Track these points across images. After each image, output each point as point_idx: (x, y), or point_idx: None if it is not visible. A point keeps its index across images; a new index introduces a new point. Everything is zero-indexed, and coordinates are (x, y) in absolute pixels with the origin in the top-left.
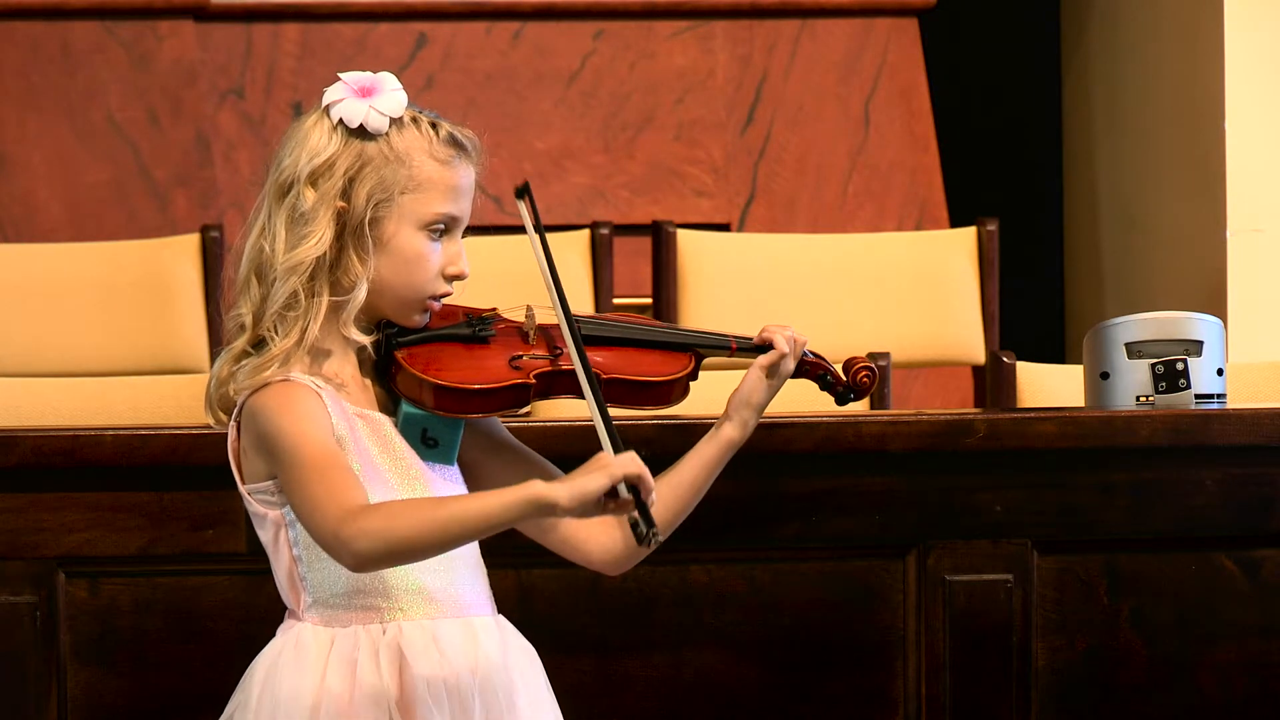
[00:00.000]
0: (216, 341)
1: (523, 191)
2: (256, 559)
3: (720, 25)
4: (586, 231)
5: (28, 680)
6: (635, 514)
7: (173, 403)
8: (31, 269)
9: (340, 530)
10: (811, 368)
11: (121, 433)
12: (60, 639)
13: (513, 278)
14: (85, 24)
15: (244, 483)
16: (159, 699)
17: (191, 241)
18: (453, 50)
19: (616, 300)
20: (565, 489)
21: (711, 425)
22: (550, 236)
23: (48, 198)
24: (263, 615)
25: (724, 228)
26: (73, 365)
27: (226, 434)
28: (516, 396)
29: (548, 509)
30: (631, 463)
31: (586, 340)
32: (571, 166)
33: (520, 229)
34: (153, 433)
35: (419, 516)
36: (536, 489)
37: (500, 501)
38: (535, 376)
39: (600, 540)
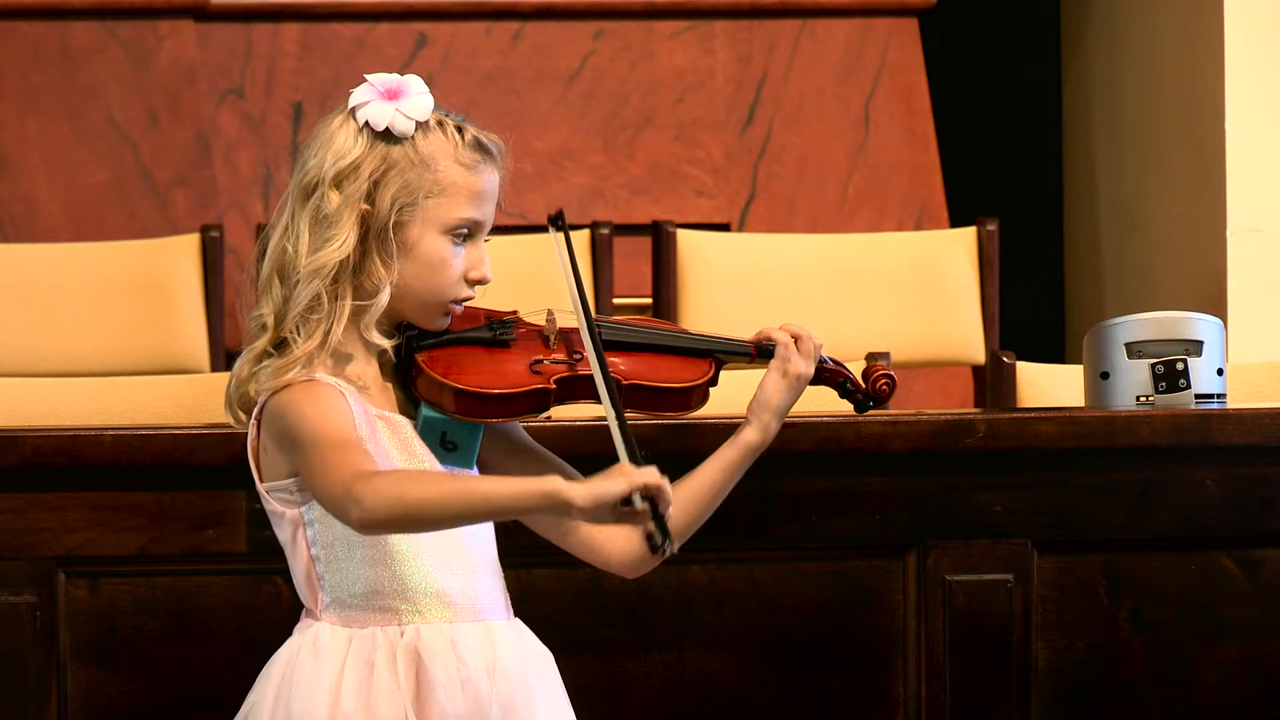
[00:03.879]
0: (216, 341)
1: (557, 220)
2: (256, 559)
3: (720, 25)
4: (586, 231)
5: (28, 680)
6: (651, 526)
7: (173, 403)
8: (31, 269)
9: (352, 487)
10: (831, 375)
11: (121, 433)
12: (60, 639)
13: (522, 277)
14: (85, 24)
15: (262, 481)
16: (159, 699)
17: (191, 241)
18: (453, 50)
19: (616, 300)
20: (583, 489)
21: (714, 425)
22: (548, 236)
23: (48, 198)
24: (263, 615)
25: (724, 228)
26: (73, 365)
27: (227, 434)
28: (537, 401)
29: (563, 506)
30: (652, 474)
31: (607, 345)
32: (571, 166)
33: (523, 229)
34: (153, 433)
35: (432, 486)
36: (555, 484)
37: (514, 489)
38: (555, 381)
39: (619, 544)
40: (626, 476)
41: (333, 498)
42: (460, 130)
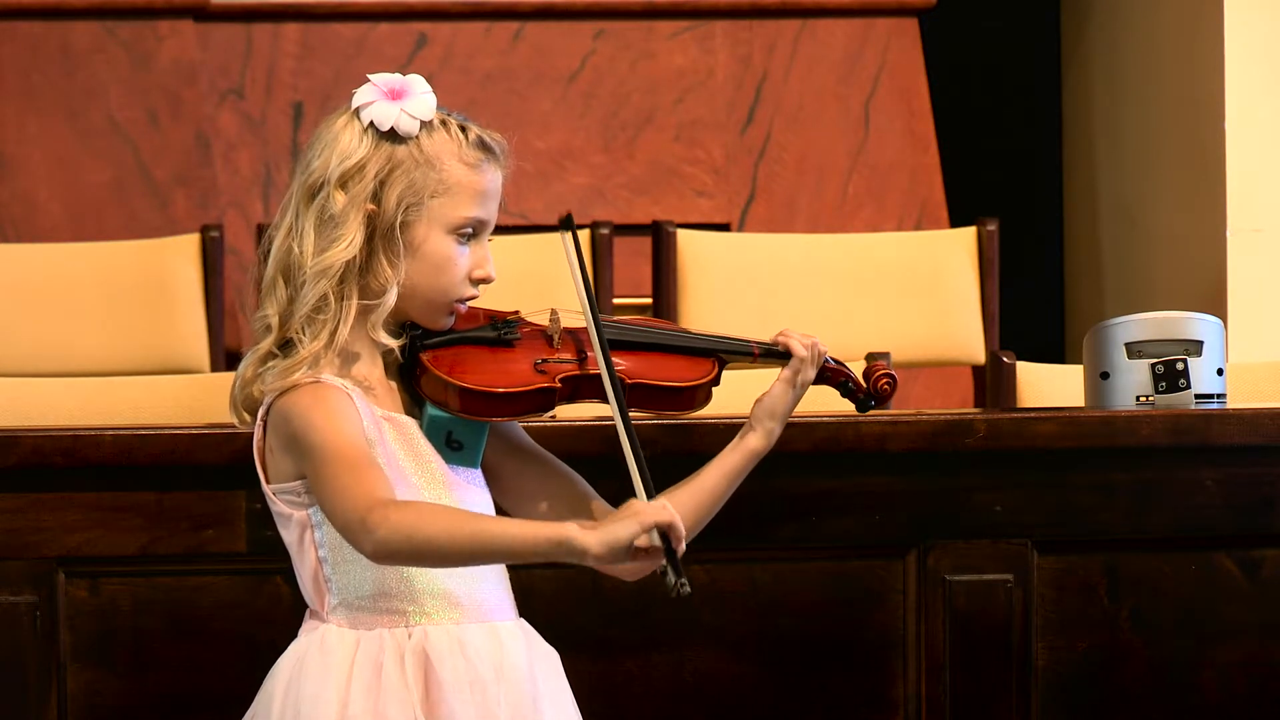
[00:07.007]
0: (216, 342)
1: (567, 224)
2: (256, 559)
3: (720, 25)
4: (586, 231)
5: (28, 680)
6: (665, 564)
7: (173, 403)
8: (31, 269)
9: (368, 516)
10: (833, 375)
11: (121, 433)
12: (60, 639)
13: (522, 278)
14: (85, 24)
15: (269, 483)
16: (159, 699)
17: (191, 241)
18: (453, 50)
19: (616, 300)
20: (596, 536)
21: (716, 425)
22: (549, 236)
23: (48, 198)
24: (263, 615)
25: (724, 228)
26: (73, 365)
27: (227, 434)
28: (542, 400)
29: (577, 553)
30: (662, 511)
31: (610, 345)
32: (571, 166)
33: (527, 228)
34: (153, 433)
35: (447, 524)
36: (569, 531)
37: (529, 534)
38: (561, 380)
39: None
40: (637, 517)
41: (348, 524)
42: (464, 129)
